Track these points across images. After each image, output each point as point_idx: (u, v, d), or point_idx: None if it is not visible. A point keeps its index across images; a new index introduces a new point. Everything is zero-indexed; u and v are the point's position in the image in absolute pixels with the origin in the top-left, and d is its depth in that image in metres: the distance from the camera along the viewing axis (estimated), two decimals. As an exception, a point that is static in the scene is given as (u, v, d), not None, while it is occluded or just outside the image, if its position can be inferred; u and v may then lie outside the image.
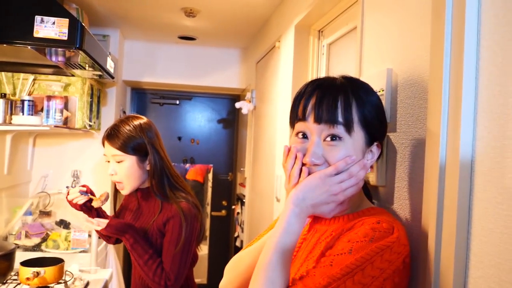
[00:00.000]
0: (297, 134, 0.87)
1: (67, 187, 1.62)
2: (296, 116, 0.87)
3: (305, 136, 0.85)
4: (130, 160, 1.53)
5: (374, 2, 1.20)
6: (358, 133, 0.83)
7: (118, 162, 1.53)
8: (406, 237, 0.80)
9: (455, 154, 0.77)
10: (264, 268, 0.78)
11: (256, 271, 0.80)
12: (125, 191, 1.58)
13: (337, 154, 0.81)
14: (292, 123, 0.89)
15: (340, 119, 0.81)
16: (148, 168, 1.57)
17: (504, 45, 0.70)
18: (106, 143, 1.55)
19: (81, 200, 1.57)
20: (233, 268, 1.02)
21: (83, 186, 1.60)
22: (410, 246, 0.80)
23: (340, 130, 0.81)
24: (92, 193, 1.61)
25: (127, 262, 3.89)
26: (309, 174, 0.83)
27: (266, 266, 0.78)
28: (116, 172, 1.54)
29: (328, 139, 0.82)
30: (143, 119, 1.60)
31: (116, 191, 1.73)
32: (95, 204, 1.56)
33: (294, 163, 0.85)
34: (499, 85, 0.70)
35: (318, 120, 0.82)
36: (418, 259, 0.88)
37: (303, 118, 0.84)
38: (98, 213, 1.64)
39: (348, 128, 0.81)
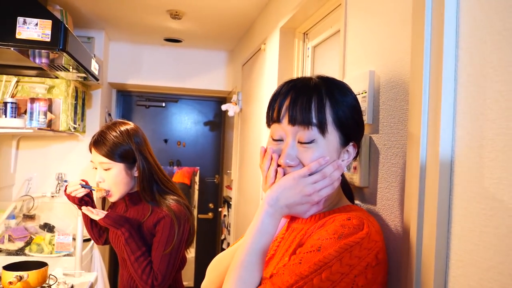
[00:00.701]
0: (273, 138, 0.87)
1: (66, 181, 1.61)
2: (272, 118, 0.87)
3: (280, 140, 0.86)
4: (117, 168, 1.52)
5: (357, 6, 1.21)
6: (333, 134, 0.83)
7: (106, 169, 1.52)
8: (378, 233, 0.80)
9: (435, 154, 0.79)
10: (236, 267, 0.80)
11: (229, 271, 0.81)
12: (113, 198, 1.57)
13: (311, 156, 0.82)
14: (268, 124, 0.90)
15: (314, 120, 0.81)
16: (136, 174, 1.56)
17: (480, 47, 0.72)
18: (93, 150, 1.54)
19: (81, 193, 1.57)
20: (214, 269, 1.03)
21: (83, 180, 1.60)
22: (390, 244, 0.81)
23: (314, 131, 0.82)
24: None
25: (113, 266, 3.85)
26: (284, 175, 0.84)
27: (239, 266, 0.79)
28: (104, 180, 1.53)
29: (302, 141, 0.82)
30: (130, 125, 1.59)
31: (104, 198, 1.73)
32: (98, 194, 1.55)
33: (270, 164, 0.86)
34: (477, 86, 0.72)
35: (292, 122, 0.83)
36: (401, 259, 0.89)
37: (278, 120, 0.85)
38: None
39: (322, 129, 0.82)
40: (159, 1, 2.52)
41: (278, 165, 0.85)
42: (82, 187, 1.57)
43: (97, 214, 1.47)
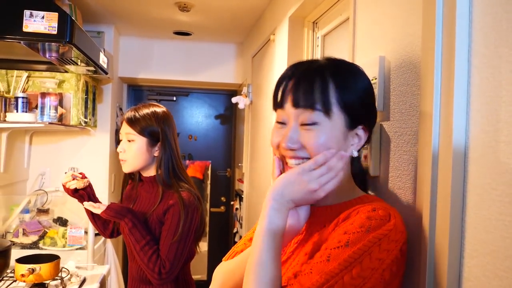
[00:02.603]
0: (277, 121, 0.85)
1: (66, 172, 1.64)
2: (276, 103, 0.85)
3: (283, 123, 0.84)
4: (140, 141, 1.58)
5: (366, -10, 1.18)
6: (338, 116, 0.80)
7: (129, 141, 1.58)
8: (403, 223, 0.77)
9: (448, 140, 0.75)
10: (252, 268, 0.75)
11: (246, 274, 0.76)
12: (125, 168, 1.61)
13: (314, 138, 0.79)
14: (274, 108, 0.88)
15: (317, 102, 0.79)
16: (156, 154, 1.60)
17: (495, 26, 0.68)
18: (124, 122, 1.61)
19: (73, 185, 1.59)
20: (225, 277, 0.97)
21: (80, 173, 1.64)
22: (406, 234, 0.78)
23: (317, 114, 0.79)
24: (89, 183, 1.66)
25: (127, 259, 3.88)
26: (283, 165, 0.84)
27: (255, 266, 0.75)
28: (124, 150, 1.59)
29: (305, 122, 0.80)
30: (164, 109, 1.67)
31: (124, 183, 1.77)
32: (77, 184, 1.60)
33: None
34: (491, 68, 0.69)
35: (295, 105, 0.80)
36: (413, 249, 0.86)
37: (282, 103, 0.83)
38: (91, 201, 1.64)
39: (327, 111, 0.79)
40: (167, -7, 2.50)
41: (282, 156, 0.83)
42: (74, 179, 1.61)
43: (98, 208, 1.49)
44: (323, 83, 0.80)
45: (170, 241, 1.49)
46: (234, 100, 3.19)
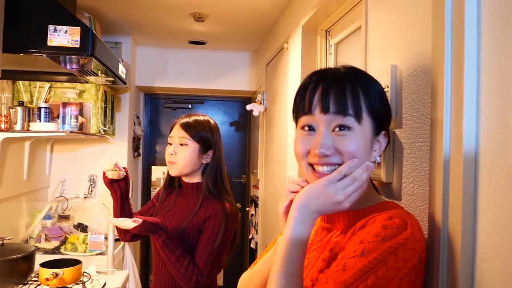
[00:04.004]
0: (302, 127, 0.84)
1: (105, 169, 1.64)
2: (302, 110, 0.84)
3: (311, 129, 0.83)
4: (192, 147, 1.59)
5: (377, 1, 1.21)
6: (367, 122, 0.81)
7: (182, 144, 1.60)
8: (420, 231, 0.77)
9: (458, 147, 0.77)
10: (275, 279, 0.75)
11: (269, 284, 0.77)
12: (173, 170, 1.61)
13: (348, 143, 0.79)
14: (296, 117, 0.87)
15: (349, 108, 0.79)
16: (204, 161, 1.62)
17: (504, 35, 0.70)
18: (177, 126, 1.63)
19: (110, 174, 1.60)
20: (248, 285, 0.99)
21: (124, 168, 1.64)
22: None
23: (350, 119, 0.79)
24: (127, 174, 1.65)
25: (144, 264, 3.94)
26: (310, 173, 0.83)
27: (277, 276, 0.75)
28: (175, 153, 1.60)
29: (337, 129, 0.80)
30: (214, 120, 1.70)
31: (165, 186, 1.75)
32: (112, 174, 1.60)
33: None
34: (500, 76, 0.71)
35: (325, 110, 0.80)
36: (426, 255, 0.87)
37: (309, 111, 0.82)
38: (122, 203, 1.65)
39: (358, 117, 0.80)
40: (183, 4, 2.56)
41: (310, 164, 0.83)
42: (114, 169, 1.60)
43: (126, 225, 1.45)
44: (353, 89, 0.80)
45: (209, 249, 1.49)
46: (248, 107, 3.23)
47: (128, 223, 1.44)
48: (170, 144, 1.64)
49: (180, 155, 1.59)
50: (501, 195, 0.70)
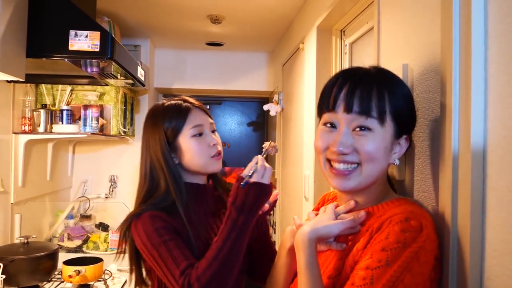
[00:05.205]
0: (324, 124, 0.86)
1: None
2: (326, 106, 0.85)
3: (333, 126, 0.84)
4: None
5: (389, 1, 1.21)
6: (389, 125, 0.82)
7: (214, 131, 1.41)
8: (434, 230, 0.79)
9: (466, 144, 0.78)
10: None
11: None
12: (220, 163, 1.40)
13: (367, 144, 0.81)
14: (320, 113, 0.88)
15: (373, 110, 0.80)
16: None
17: (509, 34, 0.71)
18: (199, 110, 1.42)
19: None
20: None
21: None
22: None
23: (372, 121, 0.80)
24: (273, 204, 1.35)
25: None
26: (327, 168, 0.87)
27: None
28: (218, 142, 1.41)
29: (358, 129, 0.81)
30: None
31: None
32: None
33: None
34: (507, 74, 0.72)
35: (348, 110, 0.81)
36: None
37: (333, 109, 0.83)
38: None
39: (381, 119, 0.81)
40: (200, 7, 2.61)
41: (327, 159, 0.86)
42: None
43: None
44: (379, 91, 0.81)
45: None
46: (265, 107, 3.25)
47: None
48: (201, 134, 1.32)
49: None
50: (509, 191, 0.71)
